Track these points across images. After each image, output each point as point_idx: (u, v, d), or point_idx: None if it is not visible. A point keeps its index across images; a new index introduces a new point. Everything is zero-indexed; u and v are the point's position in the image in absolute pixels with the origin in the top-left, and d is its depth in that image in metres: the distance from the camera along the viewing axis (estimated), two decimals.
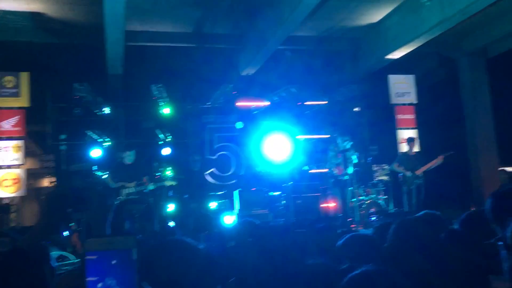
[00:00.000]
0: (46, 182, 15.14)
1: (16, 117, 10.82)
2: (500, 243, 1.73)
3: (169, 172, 11.20)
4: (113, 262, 0.88)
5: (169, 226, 9.26)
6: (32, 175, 18.39)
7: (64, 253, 6.48)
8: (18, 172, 10.78)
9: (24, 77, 10.87)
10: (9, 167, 10.74)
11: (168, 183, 8.79)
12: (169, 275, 1.36)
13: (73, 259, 6.08)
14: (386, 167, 12.16)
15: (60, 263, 5.24)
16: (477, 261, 2.06)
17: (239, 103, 12.67)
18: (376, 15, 11.50)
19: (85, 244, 0.83)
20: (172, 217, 10.41)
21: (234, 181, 12.46)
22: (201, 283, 1.37)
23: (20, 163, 10.81)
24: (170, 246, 1.50)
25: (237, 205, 10.48)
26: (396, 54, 11.74)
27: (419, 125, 12.57)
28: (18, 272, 1.99)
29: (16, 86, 10.81)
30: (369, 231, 2.64)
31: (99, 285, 0.90)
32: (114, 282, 0.89)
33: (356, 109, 12.85)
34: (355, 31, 12.28)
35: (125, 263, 0.85)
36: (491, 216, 2.52)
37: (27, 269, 2.01)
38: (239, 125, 12.17)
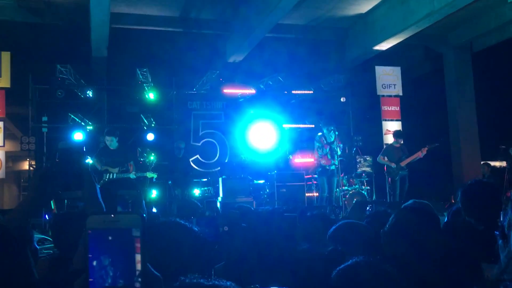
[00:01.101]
0: (26, 165, 14.88)
1: None
2: (497, 232, 1.72)
3: (152, 158, 11.10)
4: (111, 239, 0.84)
5: (152, 212, 9.18)
6: (11, 158, 18.08)
7: (44, 236, 6.36)
8: None
9: (6, 56, 10.60)
10: None
11: (149, 175, 8.70)
12: (164, 256, 1.32)
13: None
14: (369, 158, 12.23)
15: (41, 246, 5.14)
16: (471, 250, 2.07)
17: (225, 90, 12.58)
18: (364, 6, 11.48)
19: (87, 221, 0.79)
20: (155, 203, 10.33)
21: (218, 169, 12.41)
22: (195, 264, 1.33)
23: (0, 144, 10.58)
24: (165, 228, 1.46)
25: (221, 192, 10.44)
26: (384, 46, 11.77)
27: (404, 116, 12.65)
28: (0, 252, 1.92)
29: None
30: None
31: (94, 263, 0.86)
32: (109, 261, 0.85)
33: (342, 99, 12.86)
34: (343, 21, 12.26)
35: (125, 242, 0.81)
36: (463, 209, 2.54)
37: (9, 250, 1.93)
38: None
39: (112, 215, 0.95)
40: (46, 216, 8.06)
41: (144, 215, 0.92)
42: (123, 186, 8.01)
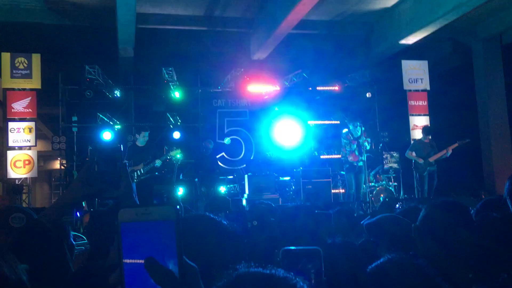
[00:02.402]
0: (57, 164, 15.25)
1: (28, 98, 10.86)
2: None
3: (178, 156, 11.22)
4: (145, 232, 0.83)
5: (183, 206, 9.31)
6: (42, 157, 18.57)
7: (76, 233, 6.52)
8: (29, 154, 10.86)
9: (36, 58, 10.89)
10: (20, 148, 10.81)
11: (174, 154, 8.73)
12: (194, 250, 1.34)
13: (86, 239, 6.11)
14: (396, 154, 12.09)
15: (75, 243, 5.27)
16: (505, 246, 2.03)
17: (250, 89, 12.61)
18: None
19: (119, 214, 0.81)
20: (182, 200, 10.44)
21: (244, 166, 12.46)
22: (226, 258, 1.35)
23: (32, 144, 10.88)
24: (196, 221, 1.48)
25: (247, 189, 10.49)
26: (410, 40, 11.58)
27: (432, 111, 12.44)
28: (37, 248, 1.98)
29: (28, 67, 10.83)
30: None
31: (128, 256, 0.85)
32: (144, 253, 0.85)
33: (368, 94, 12.71)
34: (368, 16, 12.11)
35: (163, 235, 0.81)
36: (509, 199, 2.47)
37: (47, 244, 2.00)
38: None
39: (145, 208, 0.93)
40: (78, 214, 8.26)
41: (178, 207, 0.92)
42: (156, 181, 8.14)
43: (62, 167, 11.56)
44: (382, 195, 10.46)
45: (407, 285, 1.41)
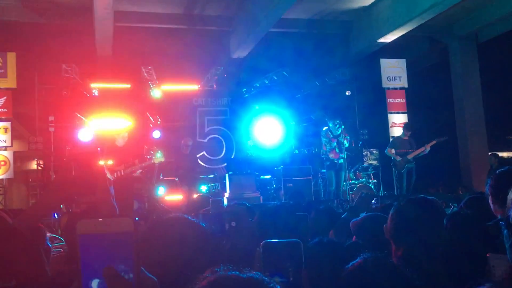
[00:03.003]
0: (33, 165, 14.97)
1: (3, 98, 10.63)
2: (502, 222, 1.71)
3: (158, 155, 11.12)
4: (103, 244, 0.83)
5: (163, 207, 9.23)
6: (19, 158, 18.18)
7: (54, 235, 6.41)
8: (5, 154, 10.63)
9: (11, 57, 10.66)
10: None
11: (157, 160, 8.68)
12: (170, 251, 1.33)
13: (63, 241, 6.02)
14: (376, 152, 12.22)
15: (51, 245, 5.18)
16: (478, 242, 2.07)
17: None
18: None
19: (77, 226, 0.78)
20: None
21: (224, 165, 12.43)
22: (203, 260, 1.34)
23: (8, 145, 10.65)
24: (174, 223, 1.47)
25: (228, 188, 10.46)
26: (388, 38, 11.71)
27: (410, 109, 12.60)
28: (14, 252, 1.94)
29: (3, 66, 10.60)
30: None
31: (86, 268, 0.85)
32: (101, 266, 0.85)
33: (347, 92, 12.82)
34: (347, 14, 12.20)
35: (121, 246, 0.81)
36: (492, 196, 2.52)
37: (22, 249, 1.96)
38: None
39: (103, 220, 0.93)
40: (55, 215, 8.11)
41: (137, 218, 0.92)
42: (136, 180, 8.06)
43: (39, 168, 11.36)
44: (362, 192, 10.55)
45: (382, 283, 1.44)
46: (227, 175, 10.64)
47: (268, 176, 11.23)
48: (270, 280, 0.96)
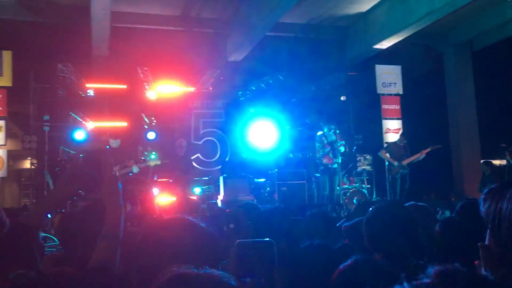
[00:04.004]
0: (27, 164, 14.91)
1: None
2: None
3: (153, 156, 11.10)
4: None
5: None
6: (12, 157, 18.08)
7: (47, 234, 6.40)
8: None
9: (7, 55, 10.63)
10: None
11: (153, 162, 8.67)
12: (171, 252, 1.35)
13: (57, 241, 6.00)
14: (369, 157, 12.28)
15: (44, 244, 5.17)
16: (469, 249, 2.10)
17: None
18: (365, 4, 11.50)
19: None
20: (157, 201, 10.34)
21: (219, 167, 12.45)
22: (203, 260, 1.36)
23: (1, 143, 10.61)
24: (173, 224, 1.49)
25: (222, 191, 10.47)
26: (384, 44, 11.79)
27: (404, 115, 12.68)
28: (6, 248, 1.95)
29: None
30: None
31: None
32: None
33: (342, 97, 12.87)
34: (343, 20, 12.28)
35: None
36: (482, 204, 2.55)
37: (15, 246, 1.97)
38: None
39: None
40: (48, 215, 8.08)
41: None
42: (129, 182, 8.05)
43: (33, 167, 11.31)
44: (355, 197, 10.60)
45: (372, 282, 1.49)
46: (221, 178, 10.65)
47: (263, 180, 11.24)
48: (226, 276, 0.99)
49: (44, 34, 10.92)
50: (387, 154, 9.95)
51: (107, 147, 8.18)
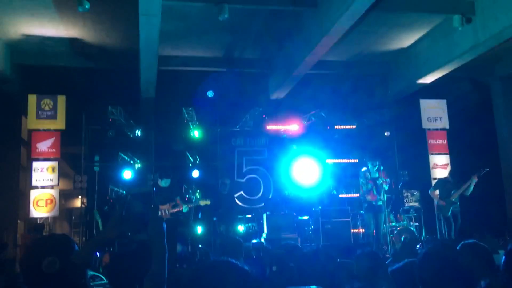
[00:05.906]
0: (77, 203, 15.42)
1: (52, 138, 11.12)
2: None
3: (198, 194, 11.27)
4: None
5: (202, 249, 9.27)
6: (64, 195, 18.76)
7: (96, 273, 6.55)
8: (52, 193, 11.02)
9: (61, 100, 11.21)
10: (43, 187, 10.99)
11: (203, 202, 8.81)
12: None
13: (104, 279, 6.13)
14: (417, 193, 11.94)
15: (92, 283, 5.30)
16: None
17: (269, 127, 12.74)
18: (406, 40, 11.46)
19: None
20: (201, 239, 10.41)
21: (262, 205, 12.43)
22: None
23: (55, 184, 11.05)
24: (217, 266, 1.51)
25: (265, 228, 10.43)
26: (428, 79, 11.64)
27: (452, 150, 12.32)
28: (56, 286, 2.00)
29: (53, 108, 11.14)
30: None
31: None
32: None
33: (386, 133, 12.70)
34: (385, 55, 12.26)
35: None
36: None
37: (65, 284, 2.02)
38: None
39: None
40: (97, 253, 8.29)
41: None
42: (178, 224, 8.18)
43: (83, 206, 11.69)
44: (403, 236, 10.27)
45: None
46: (264, 215, 10.63)
47: (306, 217, 11.12)
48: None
49: (96, 78, 11.52)
50: (437, 192, 9.66)
51: (154, 188, 8.38)
